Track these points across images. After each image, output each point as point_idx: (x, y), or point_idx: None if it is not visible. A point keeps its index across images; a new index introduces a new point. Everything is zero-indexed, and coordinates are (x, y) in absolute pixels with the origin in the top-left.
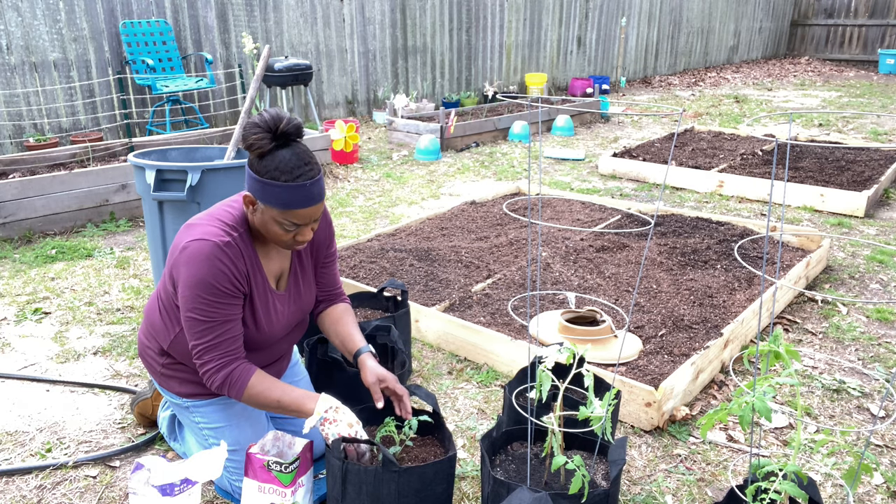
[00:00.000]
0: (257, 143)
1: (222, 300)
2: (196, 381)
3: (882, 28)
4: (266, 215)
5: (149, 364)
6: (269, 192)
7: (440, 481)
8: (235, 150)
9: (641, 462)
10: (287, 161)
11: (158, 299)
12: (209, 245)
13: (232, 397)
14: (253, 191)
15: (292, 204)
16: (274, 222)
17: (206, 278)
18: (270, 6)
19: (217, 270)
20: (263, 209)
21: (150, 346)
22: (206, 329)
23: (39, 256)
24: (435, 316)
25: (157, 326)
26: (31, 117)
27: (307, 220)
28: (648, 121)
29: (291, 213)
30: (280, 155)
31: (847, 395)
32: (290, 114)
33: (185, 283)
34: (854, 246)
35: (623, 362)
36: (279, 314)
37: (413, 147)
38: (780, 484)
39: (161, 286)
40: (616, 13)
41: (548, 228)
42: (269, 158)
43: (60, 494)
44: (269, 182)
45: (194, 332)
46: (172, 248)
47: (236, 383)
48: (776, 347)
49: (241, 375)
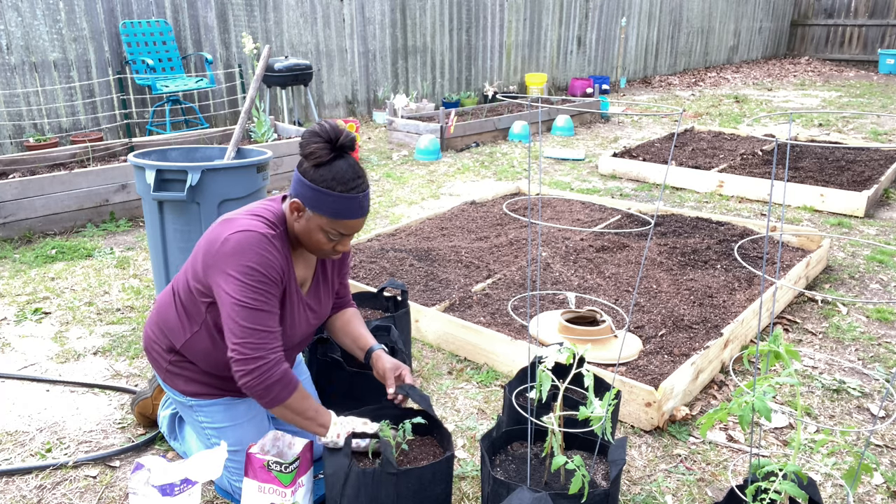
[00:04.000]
0: (318, 153)
1: (271, 290)
2: (202, 380)
3: (882, 28)
4: (312, 223)
5: (154, 360)
6: (323, 200)
7: (439, 482)
8: (235, 150)
9: (641, 462)
10: (344, 172)
11: (175, 296)
12: (257, 235)
13: (273, 400)
14: (304, 198)
15: (344, 214)
16: (320, 230)
17: (256, 266)
18: (270, 6)
19: (266, 259)
20: (311, 216)
21: (158, 341)
22: (253, 318)
23: (39, 256)
24: (435, 316)
25: (171, 324)
26: (31, 117)
27: (353, 230)
28: (648, 121)
29: (340, 223)
30: (337, 166)
31: (847, 395)
32: (344, 126)
33: (234, 272)
34: (854, 246)
35: (623, 362)
36: (301, 319)
37: (413, 147)
38: (780, 484)
39: (181, 284)
40: (616, 13)
41: (548, 228)
42: (327, 168)
43: (60, 494)
44: (325, 191)
45: (240, 322)
46: (208, 243)
47: (290, 384)
48: (776, 347)
49: (294, 377)
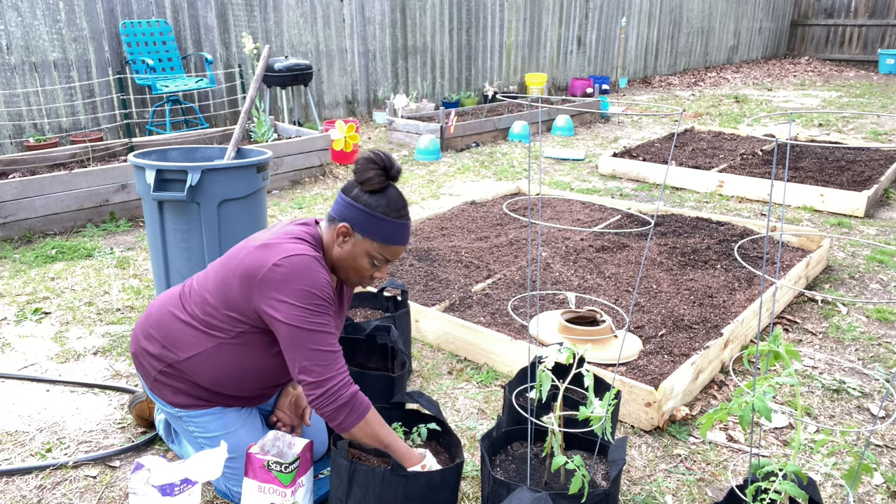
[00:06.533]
0: (374, 180)
1: (328, 311)
2: (192, 393)
3: (882, 28)
4: (360, 248)
5: (142, 367)
6: (376, 225)
7: (446, 487)
8: (235, 150)
9: (641, 462)
10: (396, 200)
11: (185, 309)
12: (308, 259)
13: (343, 424)
14: (354, 223)
15: (394, 240)
16: (366, 255)
17: (312, 289)
18: (270, 6)
19: (323, 281)
20: (359, 241)
21: (150, 349)
22: (316, 340)
23: (39, 256)
24: (435, 316)
25: (176, 336)
26: (31, 117)
27: (396, 256)
28: (648, 121)
29: (388, 249)
30: (390, 193)
31: (847, 395)
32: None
33: (291, 299)
34: (854, 246)
35: (623, 362)
36: None
37: (413, 147)
38: (780, 484)
39: (197, 300)
40: (616, 13)
41: (548, 228)
42: (381, 195)
43: (60, 494)
44: (380, 216)
45: (311, 347)
46: (250, 269)
47: (359, 407)
48: (776, 347)
49: (364, 401)
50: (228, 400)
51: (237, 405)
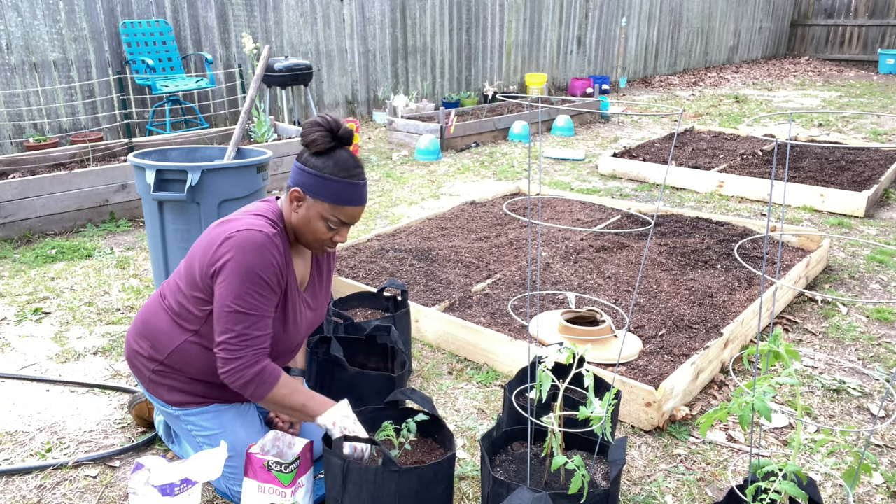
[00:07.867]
0: (319, 140)
1: (266, 294)
2: (187, 389)
3: (882, 28)
4: (313, 211)
5: (137, 369)
6: (325, 186)
7: (440, 482)
8: (235, 149)
9: (641, 462)
10: (345, 160)
11: (163, 303)
12: (261, 235)
13: (252, 396)
14: (304, 186)
15: (345, 200)
16: (320, 218)
17: (255, 269)
18: (270, 6)
19: (267, 262)
20: (312, 204)
21: (141, 350)
22: (245, 322)
23: (39, 256)
24: (435, 316)
25: (160, 331)
26: (31, 117)
27: (352, 219)
28: (648, 121)
29: (341, 210)
30: (338, 154)
31: (847, 395)
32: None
33: (231, 273)
34: (854, 246)
35: (623, 362)
36: (303, 318)
37: (413, 147)
38: (780, 484)
39: (172, 288)
40: (616, 13)
41: (548, 228)
42: (328, 156)
43: (60, 494)
44: (328, 177)
45: (230, 326)
46: (206, 243)
47: (266, 381)
48: (776, 347)
49: (272, 373)
50: (224, 393)
51: (236, 400)
